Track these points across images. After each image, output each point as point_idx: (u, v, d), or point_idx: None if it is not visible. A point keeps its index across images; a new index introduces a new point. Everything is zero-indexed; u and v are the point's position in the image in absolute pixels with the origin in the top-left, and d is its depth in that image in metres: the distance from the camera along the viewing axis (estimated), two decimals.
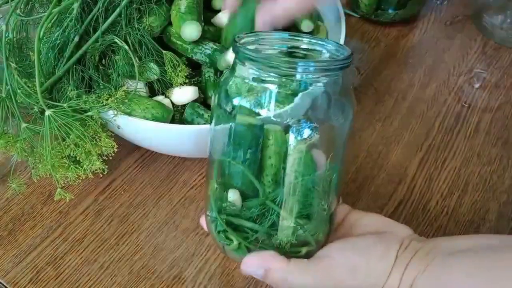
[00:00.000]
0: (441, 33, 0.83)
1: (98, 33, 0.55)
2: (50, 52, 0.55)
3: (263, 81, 0.39)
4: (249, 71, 0.39)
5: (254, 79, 0.39)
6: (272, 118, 0.39)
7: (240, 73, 0.40)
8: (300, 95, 0.39)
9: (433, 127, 0.70)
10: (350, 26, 0.83)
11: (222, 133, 0.43)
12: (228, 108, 0.41)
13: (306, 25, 0.68)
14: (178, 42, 0.61)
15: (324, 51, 0.43)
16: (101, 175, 0.55)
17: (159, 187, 0.62)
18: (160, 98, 0.59)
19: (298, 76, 0.38)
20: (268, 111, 0.39)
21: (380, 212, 0.60)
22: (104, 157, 0.55)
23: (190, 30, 0.59)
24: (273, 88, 0.39)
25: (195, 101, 0.60)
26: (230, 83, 0.41)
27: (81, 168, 0.54)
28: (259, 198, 0.42)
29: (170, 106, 0.59)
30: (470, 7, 0.87)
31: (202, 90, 0.62)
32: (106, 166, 0.55)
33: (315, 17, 0.69)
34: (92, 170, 0.54)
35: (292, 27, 0.70)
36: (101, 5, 0.55)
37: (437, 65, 0.78)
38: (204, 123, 0.58)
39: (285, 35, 0.44)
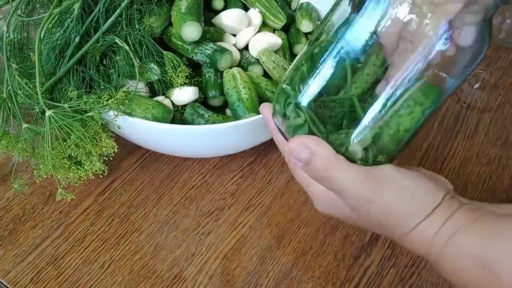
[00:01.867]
0: None
1: (99, 33, 0.55)
2: (51, 52, 0.55)
3: None
4: None
5: None
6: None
7: None
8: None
9: (433, 127, 0.70)
10: None
11: (342, 17, 0.40)
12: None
13: (306, 25, 0.68)
14: (179, 43, 0.62)
15: None
16: (102, 176, 0.55)
17: (159, 187, 0.62)
18: (160, 98, 0.59)
19: None
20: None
21: None
22: (105, 158, 0.55)
23: (191, 31, 0.59)
24: None
25: (195, 101, 0.61)
26: None
27: (82, 169, 0.54)
28: (345, 93, 0.40)
29: (171, 106, 0.59)
30: None
31: (203, 90, 0.62)
32: (107, 167, 0.55)
33: (315, 17, 0.69)
34: (92, 171, 0.54)
35: (292, 26, 0.70)
36: (102, 6, 0.55)
37: None
38: (205, 123, 0.58)
39: None
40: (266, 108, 0.45)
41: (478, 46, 0.39)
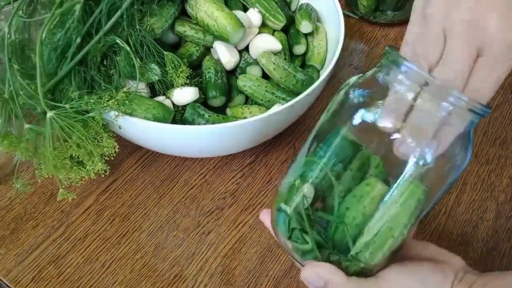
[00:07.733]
0: None
1: (101, 34, 0.55)
2: (52, 53, 0.55)
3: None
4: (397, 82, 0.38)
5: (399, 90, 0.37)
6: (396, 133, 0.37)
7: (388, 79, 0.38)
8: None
9: None
10: (349, 27, 0.83)
11: (329, 133, 0.41)
12: (348, 115, 0.39)
13: (305, 26, 0.69)
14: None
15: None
16: (103, 175, 0.56)
17: (160, 187, 0.63)
18: (161, 98, 0.60)
19: (444, 104, 0.37)
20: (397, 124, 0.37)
21: None
22: (106, 158, 0.56)
23: (240, 36, 0.62)
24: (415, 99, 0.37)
25: (195, 101, 0.61)
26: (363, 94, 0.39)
27: (84, 169, 0.55)
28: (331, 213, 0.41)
29: (171, 106, 0.60)
30: None
31: (203, 90, 0.63)
32: (108, 167, 0.56)
33: (314, 18, 0.70)
34: (94, 171, 0.55)
35: (291, 27, 0.71)
36: (104, 7, 0.55)
37: None
38: (205, 123, 0.59)
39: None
40: (265, 215, 0.46)
41: (460, 157, 0.40)
